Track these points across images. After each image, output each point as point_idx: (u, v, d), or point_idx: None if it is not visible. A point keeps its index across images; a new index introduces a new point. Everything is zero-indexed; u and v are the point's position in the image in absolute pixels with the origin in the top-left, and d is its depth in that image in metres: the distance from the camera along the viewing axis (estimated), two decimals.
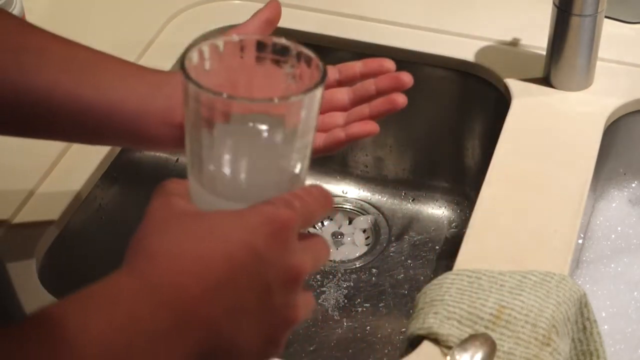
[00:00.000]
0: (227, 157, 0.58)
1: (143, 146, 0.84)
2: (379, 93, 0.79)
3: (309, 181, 0.60)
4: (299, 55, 0.59)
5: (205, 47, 0.58)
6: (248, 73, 0.59)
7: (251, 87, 0.59)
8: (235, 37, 0.59)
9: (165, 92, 0.75)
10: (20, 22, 0.75)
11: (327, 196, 0.59)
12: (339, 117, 0.80)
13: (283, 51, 0.59)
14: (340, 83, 0.81)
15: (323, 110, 0.80)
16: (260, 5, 1.11)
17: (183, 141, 0.74)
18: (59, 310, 0.50)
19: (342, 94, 0.80)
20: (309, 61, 0.58)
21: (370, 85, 0.79)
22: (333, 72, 0.81)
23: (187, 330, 0.52)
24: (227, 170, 0.58)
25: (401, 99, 0.78)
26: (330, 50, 1.09)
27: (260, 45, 0.59)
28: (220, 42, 0.58)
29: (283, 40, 0.59)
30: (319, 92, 0.57)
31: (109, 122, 0.74)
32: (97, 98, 0.73)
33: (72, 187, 0.90)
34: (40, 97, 0.72)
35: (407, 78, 0.79)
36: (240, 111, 0.56)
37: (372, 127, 0.78)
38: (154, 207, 0.57)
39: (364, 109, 0.79)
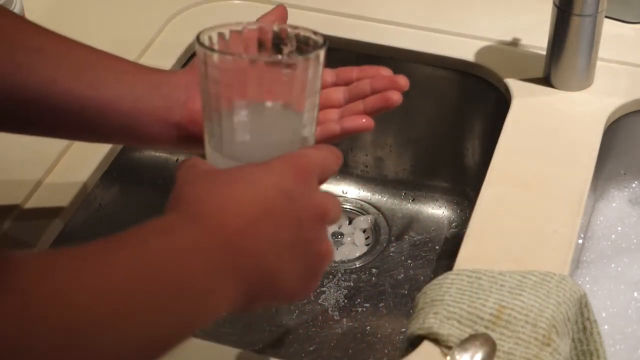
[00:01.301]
0: (245, 125, 0.63)
1: (141, 144, 0.85)
2: (374, 93, 0.79)
3: None
4: (298, 38, 0.65)
5: (214, 34, 0.64)
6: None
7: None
8: (239, 27, 0.65)
9: (163, 91, 0.76)
10: (18, 20, 0.76)
11: (337, 151, 0.65)
12: (333, 114, 0.80)
13: (283, 36, 0.65)
14: (336, 85, 0.81)
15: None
16: (260, 5, 1.12)
17: (180, 140, 0.77)
18: (119, 237, 0.53)
19: (338, 93, 0.81)
20: (306, 41, 0.65)
21: (365, 85, 0.80)
22: (330, 75, 0.81)
23: (236, 260, 0.56)
24: (244, 135, 0.63)
25: (396, 97, 0.78)
26: (330, 50, 1.08)
27: (262, 32, 0.66)
28: (226, 30, 0.65)
29: (282, 26, 0.66)
30: (322, 53, 0.63)
31: (105, 120, 0.75)
32: (92, 96, 0.74)
33: (71, 187, 0.90)
34: (36, 95, 0.73)
35: (403, 81, 0.79)
36: (254, 72, 0.61)
37: (367, 121, 0.79)
38: (182, 172, 0.61)
39: (359, 105, 0.79)
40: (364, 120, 0.79)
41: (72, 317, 0.47)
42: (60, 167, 0.92)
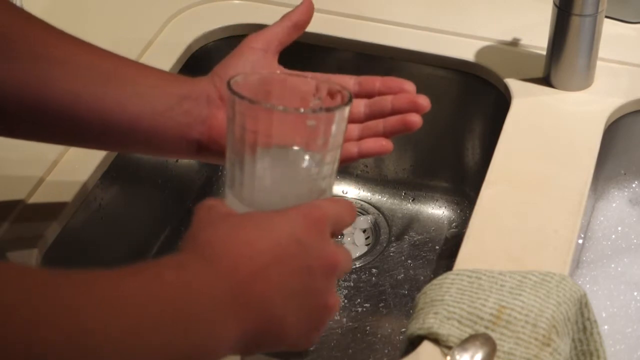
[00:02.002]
0: (266, 173, 0.64)
1: (159, 155, 0.86)
2: (394, 112, 0.80)
3: None
4: (327, 91, 0.66)
5: (242, 78, 0.66)
6: (281, 102, 0.66)
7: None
8: (268, 75, 0.69)
9: (184, 107, 0.77)
10: (45, 28, 0.76)
11: (351, 205, 0.66)
12: (354, 129, 0.81)
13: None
14: (358, 96, 0.81)
15: None
16: (260, 5, 1.12)
17: (199, 154, 0.79)
18: (118, 274, 0.53)
19: (359, 106, 0.81)
20: (334, 93, 0.66)
21: (386, 102, 0.80)
22: (353, 84, 0.82)
23: (243, 303, 0.57)
24: (265, 185, 0.64)
25: (416, 120, 0.79)
26: (330, 50, 1.09)
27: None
28: (255, 77, 0.67)
29: (311, 81, 0.67)
30: (347, 110, 0.64)
31: (128, 135, 0.76)
32: (115, 112, 0.75)
33: (72, 187, 0.90)
34: (62, 107, 0.73)
35: (424, 102, 0.79)
36: (280, 122, 0.63)
37: (386, 144, 0.80)
38: (200, 214, 0.61)
39: (379, 124, 0.80)
40: (383, 143, 0.80)
41: (81, 337, 0.48)
42: (60, 167, 0.92)
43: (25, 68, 0.72)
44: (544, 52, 0.99)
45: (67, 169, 0.91)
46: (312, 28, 1.08)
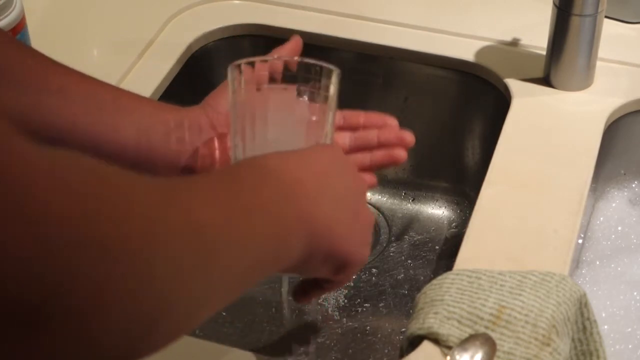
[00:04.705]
0: (272, 135, 0.71)
1: None
2: (380, 145, 0.83)
3: None
4: (313, 68, 0.73)
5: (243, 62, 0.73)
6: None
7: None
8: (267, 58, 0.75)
9: (177, 135, 0.79)
10: (42, 60, 0.77)
11: None
12: None
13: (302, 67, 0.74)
14: (342, 129, 0.84)
15: None
16: (259, 5, 1.12)
17: None
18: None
19: (343, 138, 0.84)
20: (320, 70, 0.73)
21: (372, 135, 0.83)
22: (338, 118, 0.84)
23: (297, 204, 0.61)
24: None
25: (402, 154, 0.83)
26: (330, 50, 1.09)
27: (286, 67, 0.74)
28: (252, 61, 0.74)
29: (298, 59, 0.75)
30: (338, 73, 0.73)
31: (123, 161, 0.78)
32: (110, 140, 0.77)
33: None
34: (60, 135, 0.75)
35: (409, 138, 0.83)
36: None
37: (371, 179, 0.83)
38: None
39: (365, 158, 0.83)
40: (368, 177, 0.82)
41: (204, 233, 0.49)
42: None
43: (25, 97, 0.74)
44: (544, 52, 0.99)
45: None
46: (312, 28, 1.09)
